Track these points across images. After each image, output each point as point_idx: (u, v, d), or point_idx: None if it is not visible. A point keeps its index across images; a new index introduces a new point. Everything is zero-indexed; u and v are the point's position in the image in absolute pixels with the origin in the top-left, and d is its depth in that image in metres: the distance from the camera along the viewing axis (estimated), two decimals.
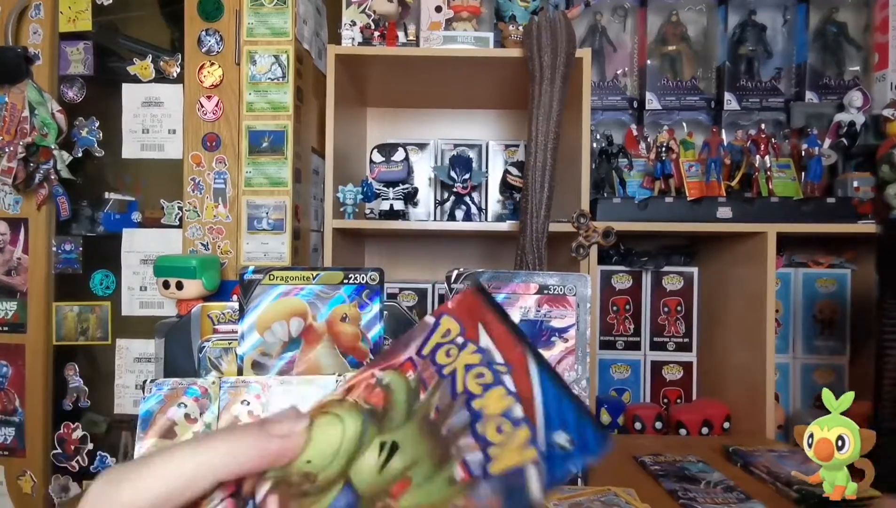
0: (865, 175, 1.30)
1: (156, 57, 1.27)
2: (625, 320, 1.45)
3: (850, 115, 1.35)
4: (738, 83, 1.46)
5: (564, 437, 0.21)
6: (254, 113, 1.23)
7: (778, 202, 1.25)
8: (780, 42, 1.48)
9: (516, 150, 1.58)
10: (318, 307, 0.66)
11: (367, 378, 0.25)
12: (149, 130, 1.26)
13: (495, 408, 0.22)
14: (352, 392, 0.25)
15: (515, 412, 0.22)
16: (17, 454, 1.25)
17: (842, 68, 1.46)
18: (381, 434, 0.24)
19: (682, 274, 1.45)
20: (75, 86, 1.27)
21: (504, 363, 0.23)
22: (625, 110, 1.51)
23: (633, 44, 1.52)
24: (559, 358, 0.68)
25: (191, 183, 1.24)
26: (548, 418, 0.21)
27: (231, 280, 1.20)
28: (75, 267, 1.27)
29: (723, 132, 1.42)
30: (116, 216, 1.27)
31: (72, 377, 1.27)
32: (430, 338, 0.25)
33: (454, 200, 1.41)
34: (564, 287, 0.69)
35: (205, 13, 1.24)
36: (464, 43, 1.26)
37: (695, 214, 1.26)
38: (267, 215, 1.23)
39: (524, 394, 0.22)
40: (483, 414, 0.22)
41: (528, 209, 1.12)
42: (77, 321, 1.27)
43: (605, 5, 1.51)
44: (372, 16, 1.27)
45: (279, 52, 1.23)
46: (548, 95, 1.13)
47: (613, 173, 1.37)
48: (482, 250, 1.65)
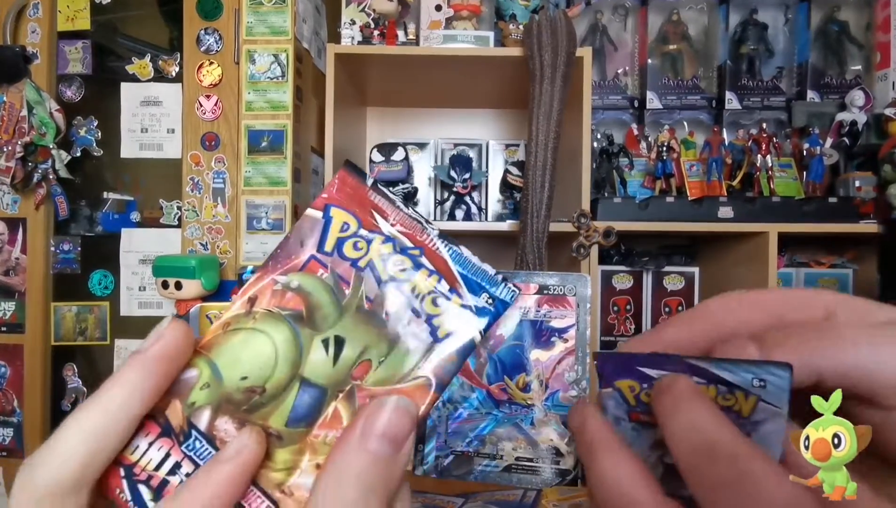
0: (867, 175, 1.29)
1: (154, 56, 1.26)
2: (625, 320, 1.44)
3: (851, 114, 1.34)
4: (739, 82, 1.46)
5: (485, 297, 0.25)
6: (253, 112, 1.23)
7: (779, 202, 1.24)
8: (781, 41, 1.47)
9: (516, 149, 1.58)
10: None
11: (270, 286, 0.25)
12: (147, 130, 1.26)
13: (425, 287, 0.25)
14: (257, 303, 0.25)
15: (443, 287, 0.25)
16: (15, 454, 1.25)
17: (843, 67, 1.45)
18: (319, 334, 0.25)
19: (683, 274, 1.44)
20: (74, 85, 1.26)
21: (414, 246, 0.26)
22: (625, 110, 1.50)
23: (634, 43, 1.51)
24: (559, 358, 0.67)
25: (190, 183, 1.24)
26: (468, 284, 0.25)
27: (230, 280, 1.19)
28: (74, 267, 1.27)
29: (724, 131, 1.41)
30: (115, 216, 1.27)
31: (70, 377, 1.27)
32: (327, 234, 0.26)
33: (454, 199, 1.40)
34: (564, 287, 0.68)
35: (204, 12, 1.24)
36: (464, 42, 1.26)
37: (696, 213, 1.25)
38: (266, 215, 1.23)
39: (443, 270, 0.25)
40: (417, 294, 0.25)
41: (528, 209, 1.12)
42: (75, 321, 1.27)
43: (606, 4, 1.50)
44: (371, 14, 1.27)
45: (278, 52, 1.23)
46: (548, 94, 1.12)
47: (614, 173, 1.37)
48: (482, 250, 1.63)
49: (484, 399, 0.68)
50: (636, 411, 0.27)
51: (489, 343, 0.67)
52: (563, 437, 0.65)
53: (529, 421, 0.67)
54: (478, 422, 0.68)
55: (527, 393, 0.67)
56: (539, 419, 0.66)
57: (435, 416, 0.68)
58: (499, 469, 0.66)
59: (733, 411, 0.24)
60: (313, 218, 0.26)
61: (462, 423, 0.68)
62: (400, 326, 0.25)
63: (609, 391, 0.27)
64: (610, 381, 0.27)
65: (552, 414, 0.66)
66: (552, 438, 0.66)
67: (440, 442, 0.67)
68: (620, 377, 0.26)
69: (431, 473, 0.68)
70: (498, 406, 0.68)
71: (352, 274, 0.25)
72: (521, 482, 0.65)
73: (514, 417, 0.67)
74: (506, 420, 0.67)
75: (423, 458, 0.68)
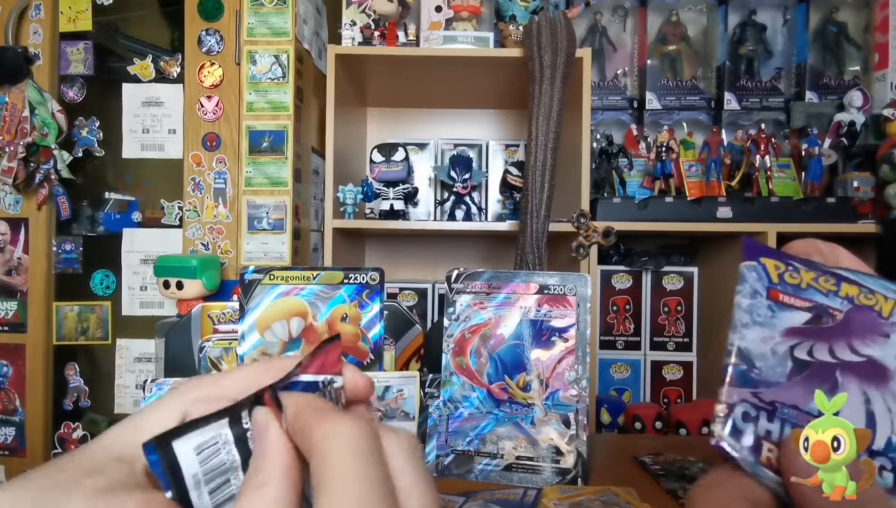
0: (865, 175, 1.30)
1: (156, 57, 1.27)
2: (625, 319, 1.45)
3: (850, 114, 1.35)
4: (738, 83, 1.46)
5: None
6: (254, 113, 1.23)
7: (778, 202, 1.25)
8: (780, 42, 1.48)
9: (516, 150, 1.58)
10: (319, 307, 0.66)
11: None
12: (149, 130, 1.26)
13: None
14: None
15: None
16: (17, 453, 1.25)
17: (842, 68, 1.46)
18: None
19: (682, 274, 1.45)
20: (75, 86, 1.27)
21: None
22: (625, 110, 1.51)
23: (634, 44, 1.51)
24: (559, 358, 0.68)
25: (191, 183, 1.24)
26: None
27: (231, 280, 1.20)
28: (75, 267, 1.27)
29: (723, 132, 1.42)
30: (117, 216, 1.27)
31: (72, 376, 1.27)
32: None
33: (454, 200, 1.41)
34: (564, 287, 0.69)
35: (205, 13, 1.24)
36: (464, 43, 1.26)
37: (695, 214, 1.26)
38: (267, 215, 1.23)
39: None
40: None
41: (528, 209, 1.12)
42: (77, 320, 1.27)
43: (605, 5, 1.51)
44: (372, 16, 1.27)
45: (279, 52, 1.23)
46: (548, 94, 1.13)
47: (613, 173, 1.37)
48: (482, 250, 1.65)
49: (484, 399, 0.69)
50: (776, 288, 0.26)
51: (490, 343, 0.68)
52: (562, 436, 0.66)
53: (530, 420, 0.67)
54: (478, 421, 0.68)
55: (527, 392, 0.68)
56: (539, 418, 0.67)
57: (436, 415, 0.68)
58: (499, 467, 0.67)
59: (875, 310, 0.25)
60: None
61: (463, 422, 0.69)
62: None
63: (753, 264, 0.27)
64: (755, 256, 0.27)
65: (552, 413, 0.67)
66: (552, 437, 0.66)
67: (441, 441, 0.68)
68: (766, 256, 0.27)
69: (432, 472, 0.68)
70: (498, 406, 0.69)
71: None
72: (522, 480, 0.66)
73: (514, 416, 0.68)
74: (506, 419, 0.68)
75: (424, 457, 0.68)
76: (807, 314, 0.26)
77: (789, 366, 0.25)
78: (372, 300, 0.67)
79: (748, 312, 0.26)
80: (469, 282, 0.70)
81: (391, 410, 0.68)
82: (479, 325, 0.69)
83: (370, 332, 0.67)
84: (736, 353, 0.25)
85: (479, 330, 0.69)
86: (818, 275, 0.26)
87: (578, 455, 0.65)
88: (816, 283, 0.26)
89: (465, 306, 0.69)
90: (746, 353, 0.25)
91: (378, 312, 0.67)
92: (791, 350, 0.25)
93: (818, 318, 0.25)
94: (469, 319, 0.69)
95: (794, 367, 0.25)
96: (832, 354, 0.25)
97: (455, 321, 0.69)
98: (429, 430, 0.69)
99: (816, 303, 0.26)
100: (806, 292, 0.26)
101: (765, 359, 0.25)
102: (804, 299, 0.26)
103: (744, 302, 0.26)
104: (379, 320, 0.67)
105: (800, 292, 0.26)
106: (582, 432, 0.66)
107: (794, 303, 0.25)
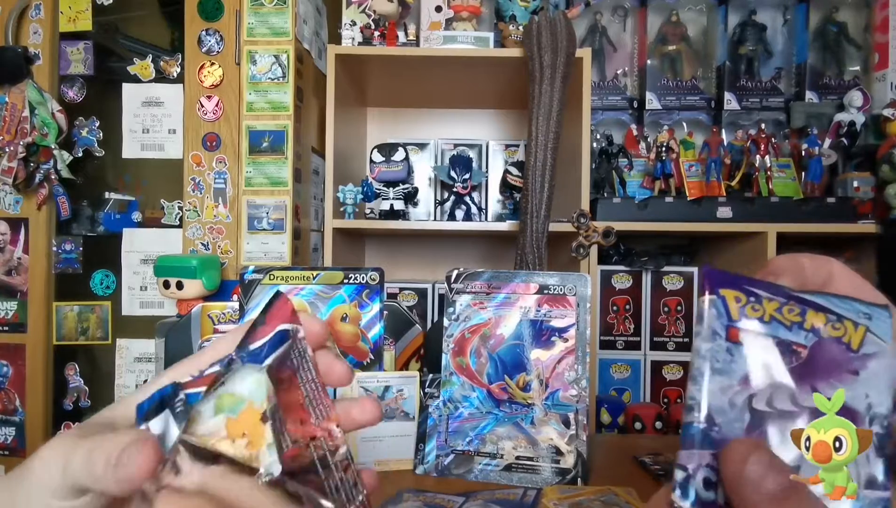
0: (865, 175, 1.30)
1: (156, 57, 1.27)
2: (625, 319, 1.45)
3: (850, 114, 1.35)
4: (738, 83, 1.46)
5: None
6: (254, 113, 1.23)
7: (778, 202, 1.25)
8: (780, 42, 1.48)
9: (516, 150, 1.58)
10: (319, 307, 0.66)
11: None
12: (149, 130, 1.26)
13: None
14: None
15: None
16: (17, 453, 1.25)
17: (842, 68, 1.46)
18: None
19: (681, 274, 1.45)
20: (75, 86, 1.27)
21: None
22: (625, 110, 1.51)
23: (633, 44, 1.52)
24: (559, 358, 0.68)
25: (191, 183, 1.24)
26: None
27: (231, 280, 1.20)
28: (75, 267, 1.27)
29: (723, 132, 1.42)
30: (117, 216, 1.27)
31: (72, 376, 1.28)
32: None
33: (454, 200, 1.41)
34: (564, 287, 0.69)
35: (205, 13, 1.24)
36: (464, 43, 1.26)
37: (695, 214, 1.26)
38: (267, 215, 1.24)
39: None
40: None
41: (528, 209, 1.12)
42: (77, 320, 1.27)
43: (605, 5, 1.51)
44: (372, 15, 1.27)
45: (279, 52, 1.23)
46: (548, 94, 1.13)
47: (613, 173, 1.37)
48: (482, 250, 1.65)
49: (484, 399, 0.69)
50: (736, 326, 0.23)
51: (490, 343, 0.68)
52: (562, 436, 0.66)
53: (529, 420, 0.67)
54: (478, 421, 0.68)
55: (527, 392, 0.68)
56: (539, 418, 0.67)
57: (436, 415, 0.68)
58: (499, 467, 0.67)
59: (843, 341, 0.23)
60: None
61: (462, 422, 0.69)
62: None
63: (712, 299, 0.24)
64: (714, 288, 0.24)
65: (552, 413, 0.67)
66: (552, 437, 0.66)
67: (441, 441, 0.68)
68: (726, 287, 0.24)
69: (432, 472, 0.68)
70: (498, 406, 0.69)
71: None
72: (522, 480, 0.66)
73: (514, 416, 0.68)
74: (506, 419, 0.68)
75: (424, 457, 0.68)
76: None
77: (746, 420, 0.22)
78: (372, 300, 0.67)
79: (706, 358, 0.23)
80: (469, 282, 0.70)
81: (391, 410, 0.68)
82: (479, 325, 0.69)
83: (370, 332, 0.67)
84: (696, 408, 0.22)
85: (478, 330, 0.69)
86: (781, 304, 0.24)
87: (578, 455, 0.65)
88: (780, 314, 0.23)
89: (464, 306, 0.69)
90: (706, 408, 0.22)
91: (378, 312, 0.67)
92: (749, 401, 0.23)
93: (780, 357, 0.23)
94: (469, 319, 0.69)
95: (751, 421, 0.22)
96: (794, 402, 0.23)
97: (455, 321, 0.69)
98: (429, 430, 0.69)
99: (779, 339, 0.23)
100: (768, 327, 0.23)
101: (724, 413, 0.22)
102: (765, 337, 0.23)
103: (703, 347, 0.23)
104: (379, 320, 0.67)
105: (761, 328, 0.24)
106: (582, 432, 0.66)
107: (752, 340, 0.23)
